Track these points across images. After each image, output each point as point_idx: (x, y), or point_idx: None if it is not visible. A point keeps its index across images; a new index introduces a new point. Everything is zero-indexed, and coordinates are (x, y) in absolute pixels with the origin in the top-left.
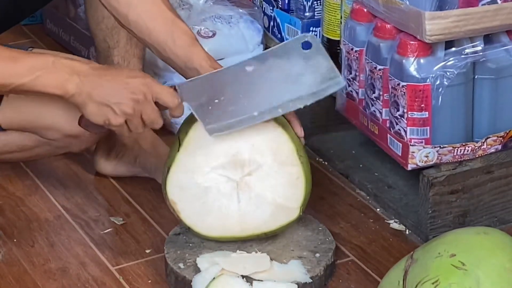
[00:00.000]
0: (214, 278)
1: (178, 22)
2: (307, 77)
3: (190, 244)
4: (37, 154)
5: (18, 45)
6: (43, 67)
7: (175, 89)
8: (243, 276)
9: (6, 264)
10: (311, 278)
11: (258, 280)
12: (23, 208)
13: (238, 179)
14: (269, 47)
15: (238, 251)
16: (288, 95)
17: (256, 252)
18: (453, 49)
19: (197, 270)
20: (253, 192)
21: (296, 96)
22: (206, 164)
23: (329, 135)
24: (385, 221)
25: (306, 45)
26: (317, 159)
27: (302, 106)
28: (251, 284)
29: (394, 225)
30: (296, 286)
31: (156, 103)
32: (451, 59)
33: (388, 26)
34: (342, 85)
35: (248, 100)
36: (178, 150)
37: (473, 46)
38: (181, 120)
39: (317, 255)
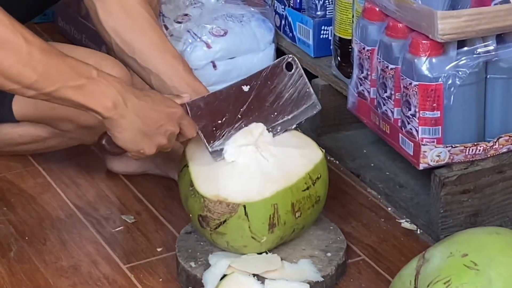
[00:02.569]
0: (225, 275)
1: (182, 58)
2: (290, 100)
3: (202, 243)
4: (51, 146)
5: None
6: (89, 77)
7: (185, 107)
8: (254, 275)
9: (18, 261)
10: (322, 277)
11: (270, 279)
12: (35, 206)
13: (254, 143)
14: (281, 46)
15: None
16: (277, 119)
17: (267, 252)
18: (465, 48)
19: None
20: (272, 147)
21: (282, 120)
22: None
23: (340, 134)
24: (397, 220)
25: (289, 66)
26: (328, 158)
27: (284, 130)
28: (263, 282)
29: (406, 224)
30: (308, 285)
31: None
32: (463, 58)
33: (400, 25)
34: (318, 109)
35: (245, 122)
36: (187, 164)
37: (485, 46)
38: None
39: (329, 254)
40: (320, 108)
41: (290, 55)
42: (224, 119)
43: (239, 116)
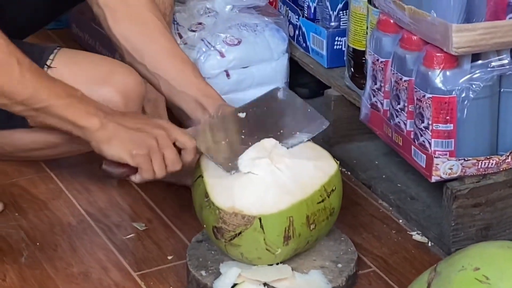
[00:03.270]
0: (235, 284)
1: (187, 57)
2: (293, 120)
3: (212, 252)
4: (62, 152)
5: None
6: (75, 96)
7: None
8: (265, 284)
9: (29, 267)
10: None
11: None
12: (47, 212)
13: (268, 156)
14: (294, 56)
15: None
16: (284, 136)
17: (278, 263)
18: (480, 61)
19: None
20: (287, 159)
21: (291, 137)
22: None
23: (352, 145)
24: (408, 232)
25: (282, 95)
26: (339, 168)
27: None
28: None
29: (417, 236)
30: None
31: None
32: (477, 71)
33: (414, 37)
34: (327, 124)
35: (251, 140)
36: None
37: (499, 59)
38: None
39: (339, 265)
40: (328, 124)
41: (279, 86)
42: (227, 140)
43: (243, 137)
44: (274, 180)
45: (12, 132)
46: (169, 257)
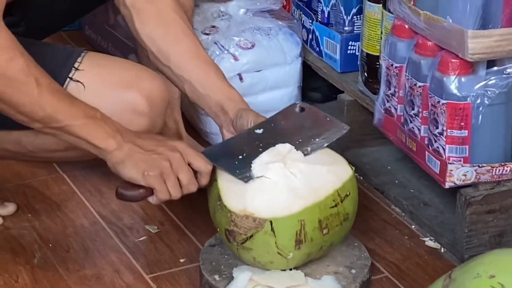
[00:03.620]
0: None
1: (212, 61)
2: (311, 130)
3: (226, 256)
4: (84, 154)
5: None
6: (93, 116)
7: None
8: None
9: (41, 268)
10: None
11: None
12: (59, 213)
13: (282, 160)
14: (308, 60)
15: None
16: (303, 144)
17: (291, 269)
18: (495, 68)
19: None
20: (301, 163)
21: (309, 144)
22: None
23: (365, 149)
24: (420, 238)
25: (301, 110)
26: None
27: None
28: None
29: (429, 242)
30: None
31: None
32: (492, 78)
33: (429, 43)
34: (347, 129)
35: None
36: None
37: None
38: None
39: (353, 271)
40: (349, 128)
41: (298, 102)
42: (244, 154)
43: (260, 150)
44: (287, 184)
45: (36, 133)
46: (181, 260)
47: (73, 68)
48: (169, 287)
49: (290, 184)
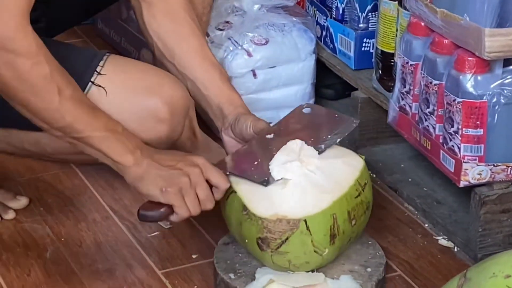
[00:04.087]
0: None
1: (217, 63)
2: (321, 128)
3: (240, 254)
4: (91, 159)
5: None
6: (114, 130)
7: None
8: None
9: (54, 263)
10: None
11: None
12: (71, 208)
13: (298, 158)
14: (321, 57)
15: None
16: (316, 141)
17: (313, 271)
18: (511, 67)
19: (248, 281)
20: (315, 159)
21: (322, 140)
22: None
23: (378, 147)
24: (433, 237)
25: (307, 111)
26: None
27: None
28: None
29: (443, 241)
30: None
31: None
32: (509, 77)
33: (446, 41)
34: (357, 123)
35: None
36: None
37: None
38: None
39: (369, 269)
40: (358, 121)
41: (304, 103)
42: (259, 160)
43: (274, 153)
44: (309, 182)
45: None
46: (194, 256)
47: (95, 72)
48: (181, 283)
49: (312, 181)
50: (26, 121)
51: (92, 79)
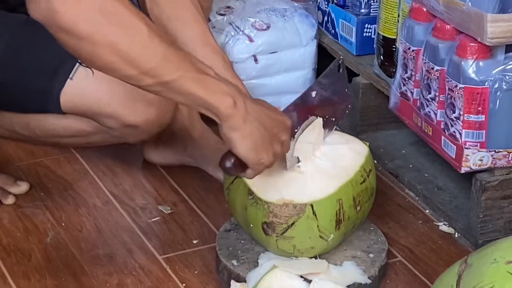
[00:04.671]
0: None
1: (223, 53)
2: (332, 104)
3: (242, 241)
4: (93, 141)
5: None
6: (207, 73)
7: None
8: (301, 277)
9: (54, 247)
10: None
11: (319, 278)
12: (72, 193)
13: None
14: (323, 42)
15: None
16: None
17: (316, 257)
18: None
19: (251, 268)
20: (322, 146)
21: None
22: None
23: (379, 133)
24: (434, 223)
25: (338, 68)
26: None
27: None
28: (309, 283)
29: (443, 227)
30: None
31: None
32: (510, 63)
33: (447, 26)
34: (350, 108)
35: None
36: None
37: None
38: None
39: (371, 255)
40: (351, 108)
41: (341, 57)
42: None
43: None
44: (316, 168)
45: (46, 117)
46: (195, 241)
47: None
48: (182, 268)
49: (319, 167)
50: (15, 103)
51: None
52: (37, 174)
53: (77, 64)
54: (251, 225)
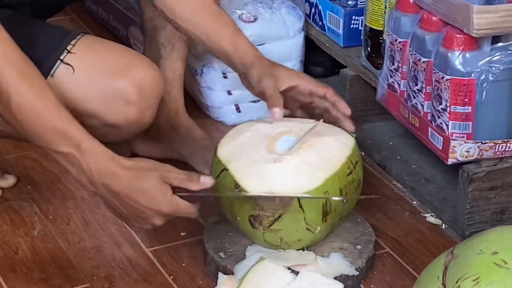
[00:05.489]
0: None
1: (223, 14)
2: None
3: (230, 233)
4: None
5: (58, 23)
6: (75, 145)
7: None
8: (289, 268)
9: (41, 240)
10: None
11: (306, 270)
12: (59, 185)
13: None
14: (310, 34)
15: None
16: None
17: (304, 249)
18: (500, 44)
19: (238, 260)
20: (307, 141)
21: None
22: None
23: (367, 125)
24: (421, 214)
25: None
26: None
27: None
28: (296, 274)
29: (431, 219)
30: (342, 285)
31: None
32: (497, 54)
33: (434, 18)
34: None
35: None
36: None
37: None
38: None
39: (358, 246)
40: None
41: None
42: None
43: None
44: (303, 160)
45: None
46: (182, 234)
47: (65, 51)
48: (169, 260)
49: (306, 159)
50: None
51: (61, 57)
52: (24, 167)
53: (59, 61)
54: (238, 218)
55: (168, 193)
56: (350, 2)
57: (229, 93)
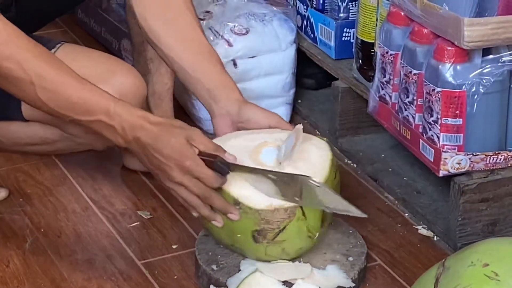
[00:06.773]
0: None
1: (212, 50)
2: None
3: (221, 246)
4: (59, 149)
5: (50, 35)
6: (104, 112)
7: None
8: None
9: (33, 253)
10: None
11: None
12: (51, 198)
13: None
14: (302, 46)
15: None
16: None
17: (300, 261)
18: (491, 56)
19: (231, 272)
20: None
21: None
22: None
23: (359, 137)
24: (413, 226)
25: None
26: (345, 161)
27: None
28: (289, 287)
29: (422, 231)
30: None
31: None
32: (487, 66)
33: (425, 30)
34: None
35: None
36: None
37: (510, 54)
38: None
39: (350, 258)
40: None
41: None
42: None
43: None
44: (294, 168)
45: (9, 124)
46: (174, 246)
47: None
48: (161, 273)
49: (296, 169)
50: None
51: None
52: (16, 180)
53: None
54: (238, 235)
55: (192, 150)
56: (341, 15)
57: None
